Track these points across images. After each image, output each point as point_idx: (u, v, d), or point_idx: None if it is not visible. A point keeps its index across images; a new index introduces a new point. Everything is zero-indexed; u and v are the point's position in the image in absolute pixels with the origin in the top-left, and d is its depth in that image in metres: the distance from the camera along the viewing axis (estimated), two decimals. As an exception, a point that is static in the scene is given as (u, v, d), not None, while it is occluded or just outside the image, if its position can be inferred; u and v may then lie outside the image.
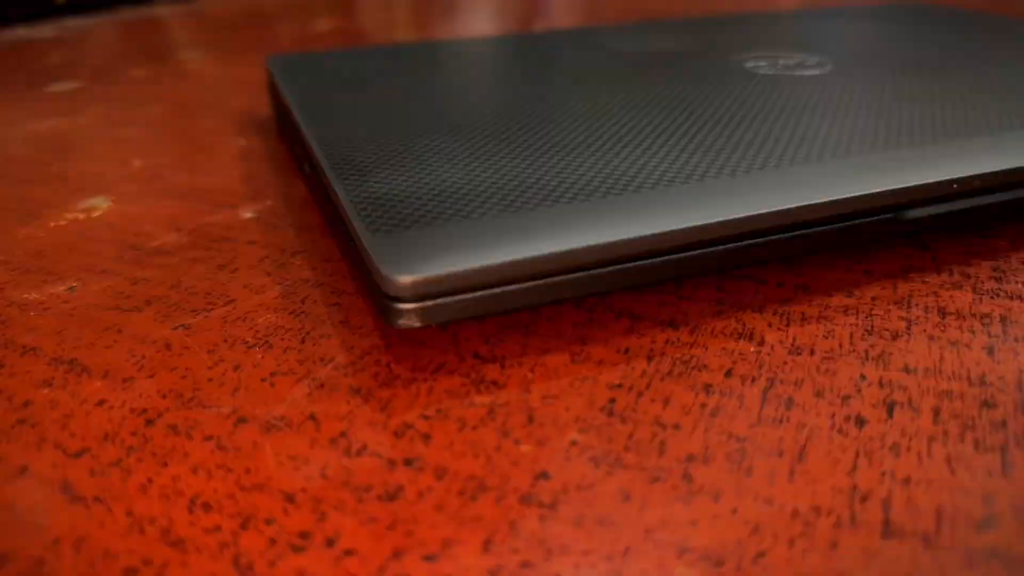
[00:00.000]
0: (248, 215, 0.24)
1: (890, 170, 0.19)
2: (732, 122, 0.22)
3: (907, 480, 0.13)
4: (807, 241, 0.19)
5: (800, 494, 0.13)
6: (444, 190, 0.18)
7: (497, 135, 0.22)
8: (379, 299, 0.16)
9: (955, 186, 0.19)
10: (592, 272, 0.17)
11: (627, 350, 0.17)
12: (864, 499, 0.13)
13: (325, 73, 0.29)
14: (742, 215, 0.17)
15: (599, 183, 0.18)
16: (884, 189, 0.19)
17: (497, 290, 0.16)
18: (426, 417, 0.15)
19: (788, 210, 0.18)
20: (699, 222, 0.17)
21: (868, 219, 0.19)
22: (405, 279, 0.15)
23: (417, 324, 0.16)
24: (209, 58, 0.45)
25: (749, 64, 0.29)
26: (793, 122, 0.22)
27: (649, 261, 0.17)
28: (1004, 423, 0.15)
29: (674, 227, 0.17)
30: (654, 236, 0.17)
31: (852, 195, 0.18)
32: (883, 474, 0.14)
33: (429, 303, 0.16)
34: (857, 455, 0.14)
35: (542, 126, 0.23)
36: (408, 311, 0.16)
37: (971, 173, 0.20)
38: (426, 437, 0.15)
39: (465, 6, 0.63)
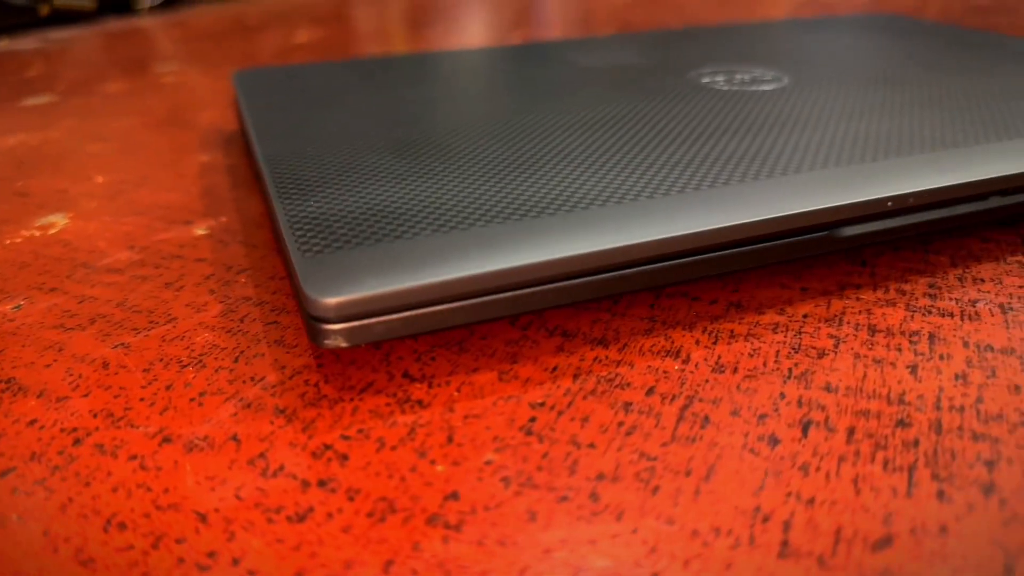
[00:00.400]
0: (201, 232, 0.25)
1: (825, 188, 0.20)
2: (676, 140, 0.23)
3: (811, 501, 0.14)
4: (741, 259, 0.19)
5: (703, 514, 0.13)
6: (382, 209, 0.19)
7: (445, 153, 0.22)
8: (307, 319, 0.16)
9: (889, 204, 0.20)
10: (521, 292, 0.17)
11: (555, 368, 0.17)
12: (766, 520, 0.13)
13: (288, 88, 0.30)
14: (673, 234, 0.17)
15: (536, 202, 0.19)
16: (817, 207, 0.19)
17: (423, 310, 0.16)
18: (346, 438, 0.15)
19: (721, 229, 0.18)
20: (629, 242, 0.17)
21: (802, 237, 0.19)
22: (330, 300, 0.16)
23: (344, 344, 0.16)
24: (186, 71, 0.46)
25: (706, 79, 0.29)
26: (737, 140, 0.22)
27: (579, 280, 0.17)
28: (916, 442, 0.15)
29: (604, 247, 0.17)
30: (581, 256, 0.17)
31: (784, 214, 0.19)
32: (788, 494, 0.14)
33: (355, 324, 0.16)
34: (765, 475, 0.14)
35: (490, 144, 0.23)
36: (334, 331, 0.16)
37: (906, 191, 0.20)
38: (344, 458, 0.15)
39: (453, 17, 0.63)
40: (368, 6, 0.71)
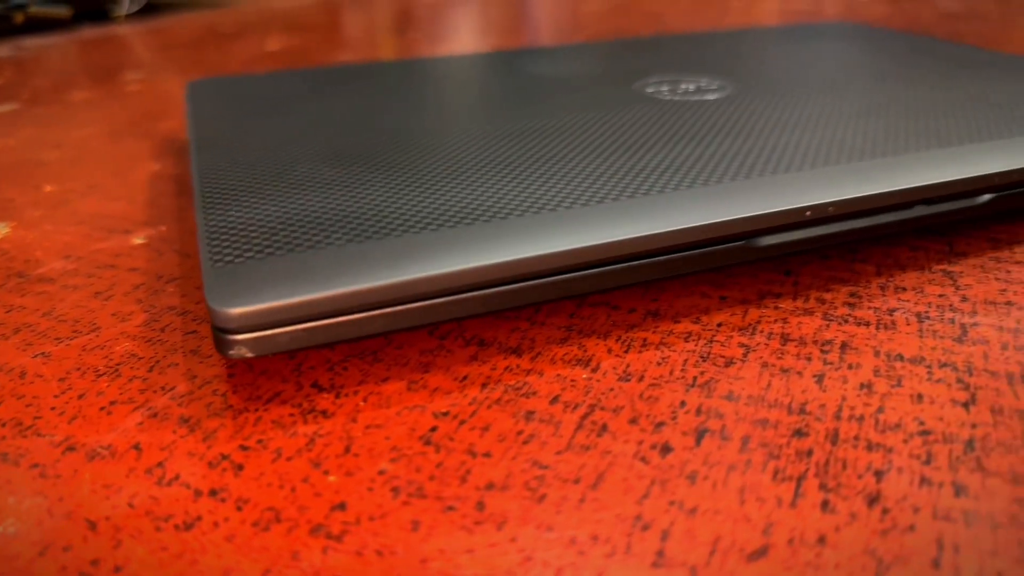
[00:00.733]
0: (139, 241, 0.25)
1: (743, 198, 0.20)
2: (606, 151, 0.23)
3: (694, 510, 0.14)
4: (656, 269, 0.19)
5: (583, 522, 0.13)
6: (301, 219, 0.19)
7: (376, 162, 0.22)
8: (213, 329, 0.16)
9: (808, 213, 0.20)
10: (429, 303, 0.17)
11: (465, 378, 0.17)
12: (645, 528, 0.13)
13: (238, 98, 0.30)
14: (586, 244, 0.17)
15: (454, 213, 0.19)
16: (731, 218, 0.19)
17: (328, 321, 0.16)
18: (245, 448, 0.16)
19: (633, 240, 0.18)
20: (537, 252, 0.17)
21: (719, 247, 0.19)
22: (232, 311, 0.16)
23: (249, 355, 0.16)
24: (152, 79, 0.46)
25: (651, 89, 0.29)
26: (667, 150, 0.23)
27: (489, 291, 0.17)
28: (810, 452, 0.15)
29: (511, 257, 0.17)
30: (487, 267, 0.17)
31: (697, 224, 0.19)
32: (671, 503, 0.14)
33: (260, 334, 0.16)
34: (652, 483, 0.14)
35: (422, 154, 0.23)
36: (238, 342, 0.16)
37: (825, 200, 0.20)
38: (239, 468, 0.15)
39: (429, 25, 0.63)
40: (347, 13, 0.71)
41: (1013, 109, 0.26)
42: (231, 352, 0.16)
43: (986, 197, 0.22)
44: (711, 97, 0.28)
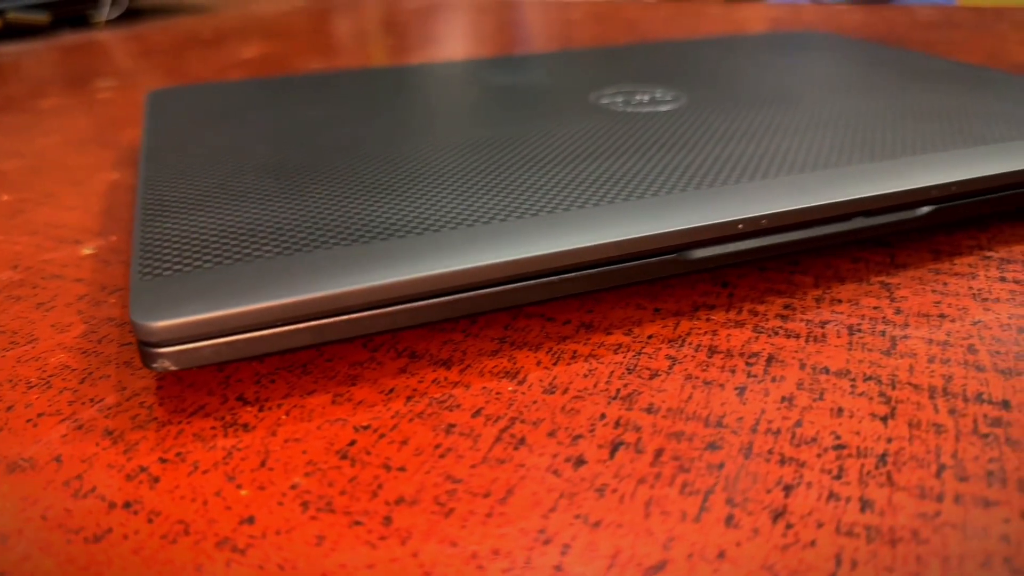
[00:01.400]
0: (88, 252, 0.25)
1: (675, 210, 0.20)
2: (552, 162, 0.23)
3: (598, 523, 0.14)
4: (588, 281, 0.19)
5: (487, 536, 0.14)
6: (236, 231, 0.19)
7: (321, 173, 0.22)
8: (137, 342, 0.16)
9: (740, 226, 0.20)
10: (354, 316, 0.17)
11: (391, 390, 0.17)
12: (547, 542, 0.13)
13: (196, 107, 0.30)
14: (513, 257, 0.18)
15: (389, 225, 0.19)
16: (661, 231, 0.19)
17: (253, 334, 0.17)
18: (163, 460, 0.16)
19: (560, 253, 0.18)
20: (466, 265, 0.17)
21: (650, 259, 0.19)
22: (154, 324, 0.16)
23: (172, 368, 0.16)
24: (123, 87, 0.46)
25: (605, 100, 0.30)
26: (609, 162, 0.23)
27: (420, 303, 0.17)
28: (721, 466, 0.15)
29: (438, 270, 0.17)
30: (414, 280, 0.17)
31: (627, 237, 0.19)
32: (577, 517, 0.14)
33: (183, 347, 0.16)
34: (561, 497, 0.14)
35: (368, 164, 0.23)
36: (162, 355, 0.16)
37: (757, 213, 0.20)
38: (155, 480, 0.15)
39: (416, 33, 0.63)
40: (328, 20, 0.71)
41: (960, 121, 0.26)
42: (154, 365, 0.16)
43: (925, 209, 0.22)
44: (664, 108, 0.28)
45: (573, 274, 0.19)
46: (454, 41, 0.59)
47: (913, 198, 0.22)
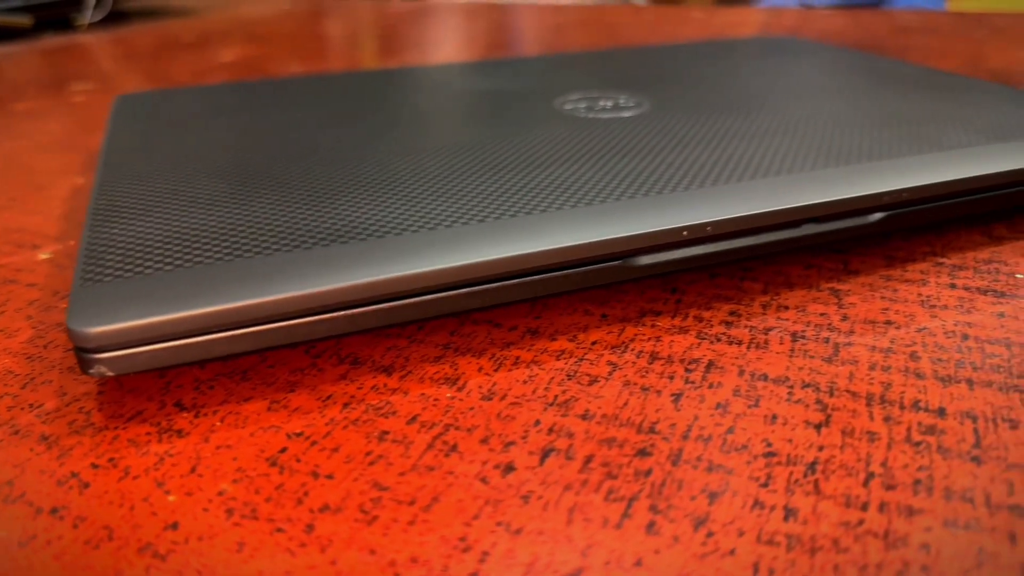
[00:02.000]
0: (44, 256, 0.25)
1: (621, 217, 0.20)
2: (507, 167, 0.23)
3: (519, 531, 0.14)
4: (534, 287, 0.19)
5: (407, 544, 0.14)
6: (181, 237, 0.19)
7: (276, 179, 0.22)
8: (75, 348, 0.17)
9: (685, 233, 0.20)
10: (289, 322, 0.17)
11: (329, 397, 0.17)
12: (466, 550, 0.13)
13: (160, 112, 0.30)
14: (452, 264, 0.18)
15: (332, 231, 0.19)
16: (604, 238, 0.19)
17: (189, 341, 0.17)
18: (95, 466, 0.16)
19: (507, 259, 0.18)
20: (405, 272, 0.17)
21: (596, 266, 0.20)
22: (89, 330, 0.16)
23: (109, 374, 0.16)
24: (99, 90, 0.46)
25: (569, 106, 0.30)
26: (564, 168, 0.23)
27: (359, 310, 0.17)
28: (649, 472, 0.15)
29: (374, 277, 0.17)
30: (348, 288, 0.17)
31: (572, 244, 0.19)
32: (499, 524, 0.14)
33: (119, 353, 0.16)
34: (486, 504, 0.14)
35: (323, 169, 0.23)
36: (98, 361, 0.16)
37: (702, 220, 0.20)
38: (85, 486, 0.15)
39: (399, 37, 0.63)
40: (311, 24, 0.71)
41: (920, 127, 0.26)
42: (91, 371, 0.16)
43: (878, 216, 0.22)
44: (627, 114, 0.28)
45: (516, 280, 0.19)
46: (436, 45, 0.59)
47: (864, 204, 0.22)
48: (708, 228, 0.20)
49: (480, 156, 0.24)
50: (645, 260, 0.20)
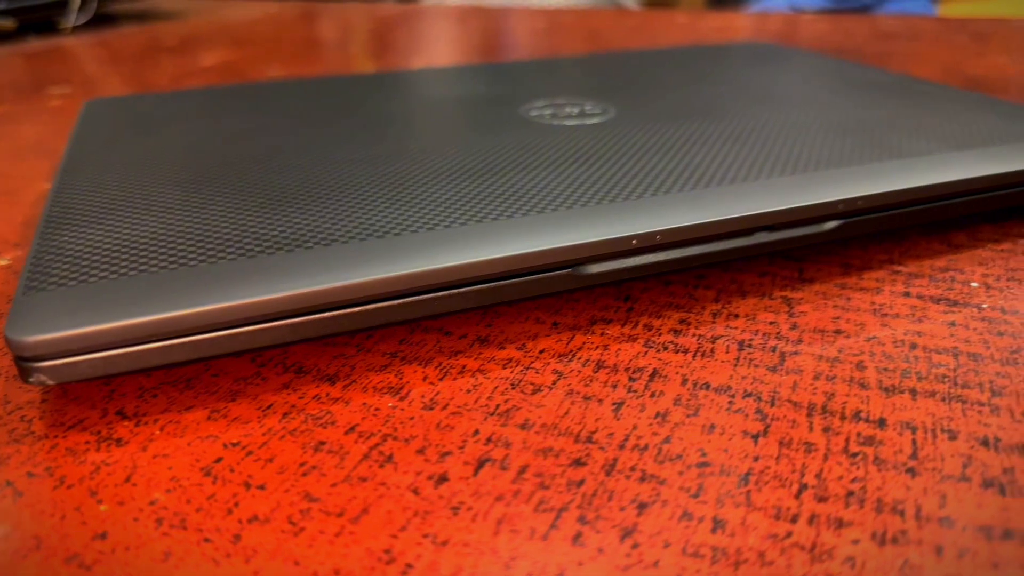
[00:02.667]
0: (3, 263, 0.25)
1: (569, 226, 0.20)
2: (464, 175, 0.23)
3: (445, 542, 0.14)
4: (482, 296, 0.19)
5: (331, 556, 0.14)
6: (128, 245, 0.19)
7: (230, 185, 0.22)
8: (14, 356, 0.17)
9: (635, 242, 0.20)
10: (234, 331, 0.17)
11: (270, 407, 0.17)
12: (390, 562, 0.13)
13: (128, 118, 0.30)
14: (394, 274, 0.18)
15: (280, 238, 0.19)
16: (554, 246, 0.19)
17: (128, 350, 0.17)
18: (31, 475, 0.16)
19: (454, 267, 0.18)
20: (346, 281, 0.17)
21: (545, 274, 0.20)
22: (26, 339, 0.16)
23: (49, 382, 0.16)
24: (77, 94, 0.46)
25: (535, 113, 0.30)
26: (519, 176, 0.23)
27: (300, 319, 0.17)
28: (581, 483, 0.15)
29: (318, 286, 0.17)
30: (288, 297, 0.17)
31: (518, 253, 0.19)
32: (426, 536, 0.14)
33: (58, 362, 0.16)
34: (414, 516, 0.14)
35: (279, 176, 0.23)
36: (37, 369, 0.16)
37: (652, 229, 0.20)
38: (19, 495, 0.15)
39: (381, 42, 0.64)
40: (295, 28, 0.71)
41: (881, 134, 0.26)
42: (31, 380, 0.16)
43: (832, 224, 0.22)
44: (591, 122, 0.28)
45: (463, 290, 0.19)
46: (418, 50, 0.59)
47: (817, 213, 0.22)
48: (658, 237, 0.20)
49: (437, 163, 0.24)
50: (595, 269, 0.20)
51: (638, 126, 0.27)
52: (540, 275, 0.19)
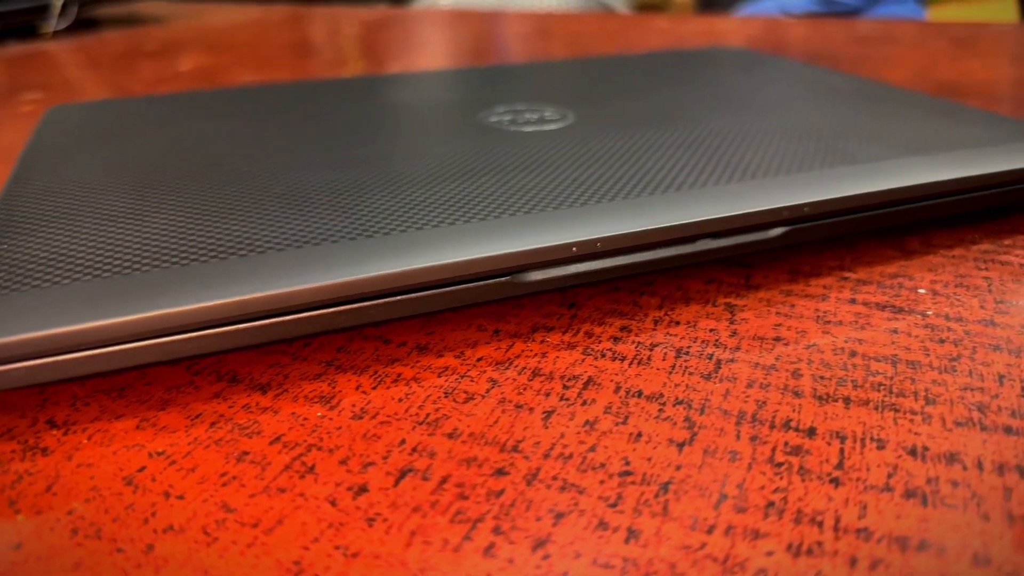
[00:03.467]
0: (-47, 269, 0.25)
1: (508, 234, 0.20)
2: (410, 183, 0.23)
3: (356, 554, 0.14)
4: (420, 303, 0.19)
5: (241, 568, 0.14)
6: (68, 253, 0.19)
7: (178, 192, 0.22)
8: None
9: (574, 249, 0.20)
10: (164, 340, 0.17)
11: (199, 416, 0.17)
12: (298, 574, 0.13)
13: (87, 125, 0.30)
14: (329, 282, 0.18)
15: (217, 246, 0.19)
16: (494, 254, 0.19)
17: (56, 359, 0.16)
18: (-49, 485, 0.16)
19: (391, 275, 0.18)
20: (276, 290, 0.17)
21: (484, 282, 0.19)
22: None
23: (-26, 391, 0.16)
24: (50, 99, 0.46)
25: (494, 119, 0.30)
26: (468, 183, 0.23)
27: (229, 328, 0.17)
28: (501, 493, 0.15)
29: (248, 295, 0.17)
30: (214, 306, 0.17)
31: (455, 260, 0.19)
32: (337, 548, 0.14)
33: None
34: (328, 527, 0.14)
35: (230, 183, 0.23)
36: (-42, 378, 0.16)
37: (591, 236, 0.20)
38: (-64, 506, 0.15)
39: (367, 45, 0.64)
40: (277, 32, 0.71)
41: (836, 140, 0.26)
42: (-45, 389, 0.16)
43: (779, 230, 0.22)
44: (548, 128, 0.28)
45: (401, 297, 0.19)
46: (397, 54, 0.59)
47: (762, 220, 0.22)
48: (598, 244, 0.20)
49: (387, 170, 0.24)
50: (535, 276, 0.20)
51: (594, 133, 0.27)
52: (479, 283, 0.19)
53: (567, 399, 0.18)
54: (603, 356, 0.19)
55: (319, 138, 0.27)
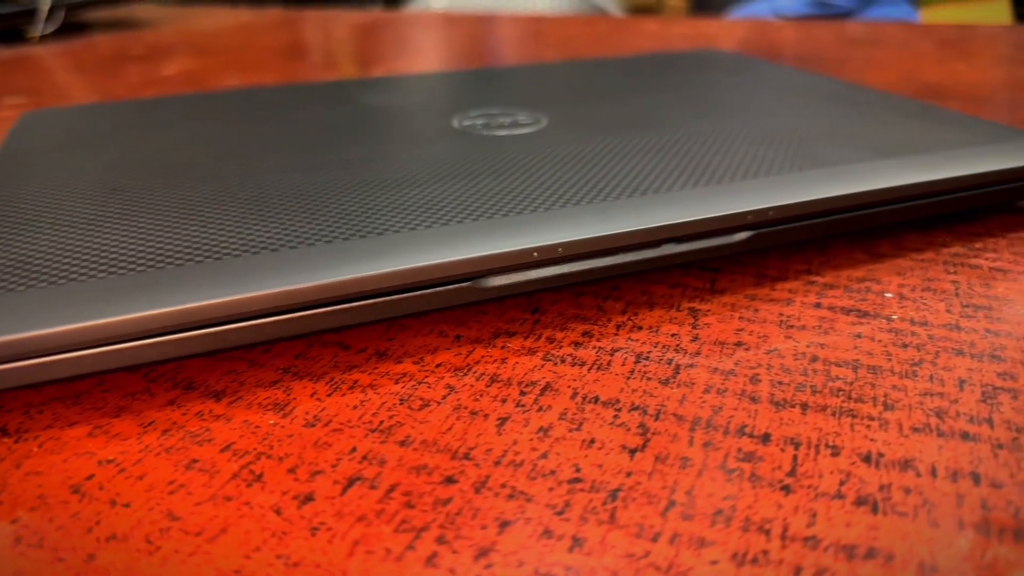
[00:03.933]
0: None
1: (470, 239, 0.20)
2: (375, 187, 0.23)
3: (297, 564, 0.14)
4: (380, 309, 0.19)
5: (182, 574, 0.13)
6: (22, 259, 0.19)
7: (145, 199, 0.22)
8: None
9: (536, 255, 0.20)
10: (118, 346, 0.17)
11: (151, 423, 0.17)
12: (238, 583, 0.13)
13: (60, 130, 0.30)
14: (290, 287, 0.17)
15: (174, 253, 0.19)
16: (453, 259, 0.19)
17: (8, 366, 0.16)
18: (-102, 494, 0.15)
19: (349, 280, 0.18)
20: (233, 296, 0.17)
21: (445, 287, 0.19)
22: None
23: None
24: (32, 104, 0.46)
25: (467, 123, 0.30)
26: (433, 188, 0.23)
27: (181, 335, 0.17)
28: (449, 501, 0.15)
29: (198, 303, 0.17)
30: (170, 313, 0.17)
31: (415, 265, 0.19)
32: (279, 557, 0.14)
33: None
34: (271, 536, 0.14)
35: (197, 188, 0.23)
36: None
37: (552, 241, 0.20)
38: None
39: (355, 48, 0.64)
40: (263, 36, 0.71)
41: (806, 143, 0.26)
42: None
43: (744, 235, 0.22)
44: (521, 132, 0.28)
45: (359, 303, 0.19)
46: (382, 58, 0.59)
47: (726, 224, 0.22)
48: (559, 249, 0.20)
49: (357, 174, 0.24)
50: (496, 281, 0.20)
51: (565, 137, 0.27)
52: (439, 288, 0.19)
53: (523, 405, 0.18)
54: (563, 362, 0.19)
55: (291, 142, 0.27)
